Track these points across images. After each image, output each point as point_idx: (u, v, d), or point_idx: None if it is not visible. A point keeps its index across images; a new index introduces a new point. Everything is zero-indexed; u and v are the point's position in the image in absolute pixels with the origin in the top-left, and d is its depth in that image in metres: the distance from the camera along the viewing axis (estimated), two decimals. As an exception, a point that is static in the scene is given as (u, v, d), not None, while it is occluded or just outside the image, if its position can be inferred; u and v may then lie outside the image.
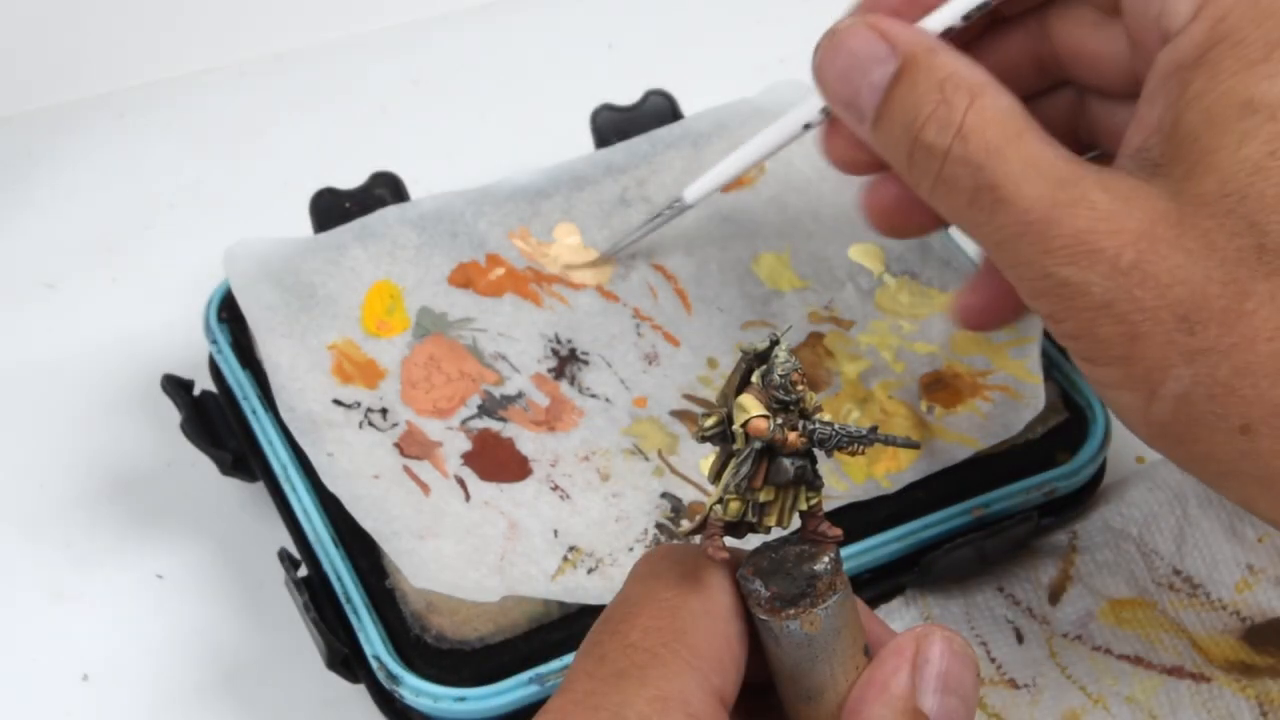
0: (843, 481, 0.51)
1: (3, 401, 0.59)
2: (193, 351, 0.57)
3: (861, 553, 0.49)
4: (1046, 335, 0.54)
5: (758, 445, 0.33)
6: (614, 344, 0.55)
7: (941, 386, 0.53)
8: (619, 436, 0.52)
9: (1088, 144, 0.47)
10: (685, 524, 0.34)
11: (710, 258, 0.58)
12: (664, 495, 0.50)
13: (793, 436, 0.33)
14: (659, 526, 0.49)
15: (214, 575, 0.54)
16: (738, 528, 0.34)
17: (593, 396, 0.53)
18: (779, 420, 0.33)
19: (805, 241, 0.58)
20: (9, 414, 0.59)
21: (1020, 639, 0.50)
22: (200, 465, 0.54)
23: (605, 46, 0.75)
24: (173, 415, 0.53)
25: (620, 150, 0.60)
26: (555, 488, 0.50)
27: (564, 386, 0.53)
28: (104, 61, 0.73)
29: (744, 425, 0.33)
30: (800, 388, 0.33)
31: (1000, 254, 0.39)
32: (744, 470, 0.33)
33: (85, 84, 0.72)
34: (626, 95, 0.62)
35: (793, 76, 0.63)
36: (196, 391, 0.55)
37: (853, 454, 0.33)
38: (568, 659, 0.46)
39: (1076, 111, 0.47)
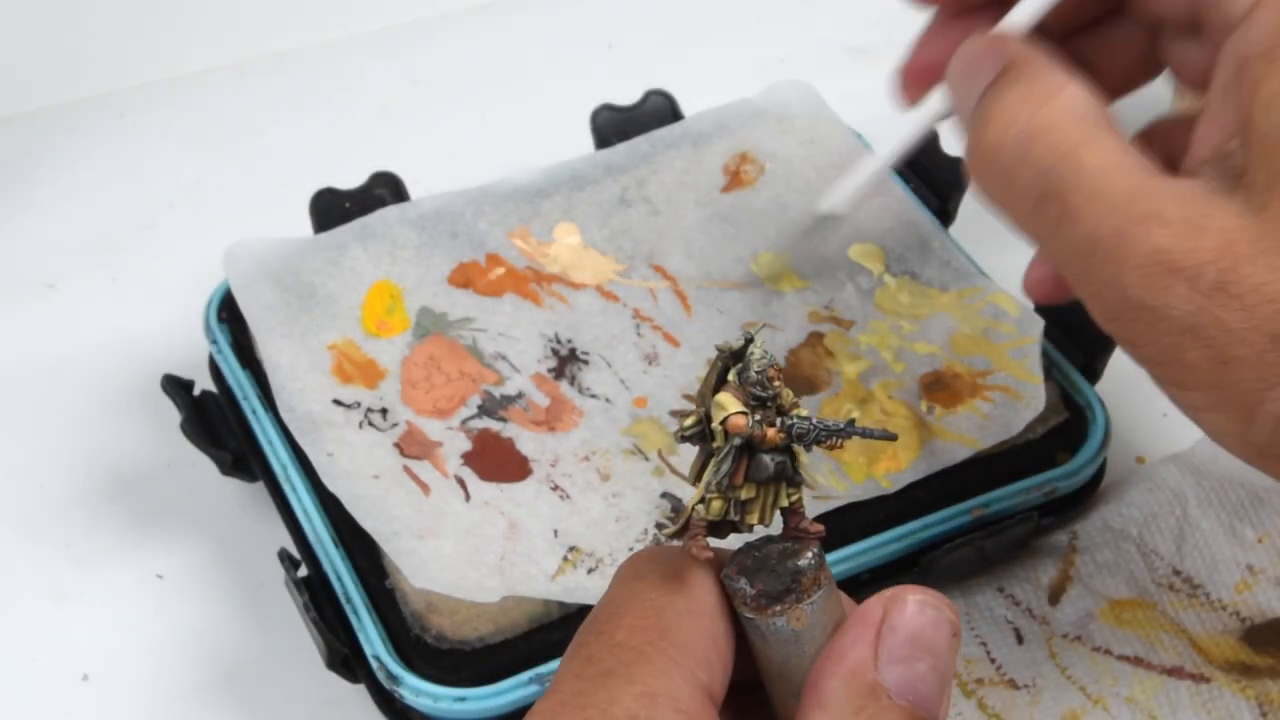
0: (843, 481, 0.51)
1: (3, 401, 0.59)
2: (193, 351, 0.57)
3: (861, 553, 0.49)
4: (1046, 335, 0.54)
5: (737, 442, 0.33)
6: (614, 344, 0.55)
7: (941, 386, 0.53)
8: (619, 436, 0.52)
9: (1154, 71, 0.45)
10: (668, 526, 0.34)
11: (710, 258, 0.58)
12: (664, 495, 0.50)
13: (771, 432, 0.33)
14: (659, 526, 0.49)
15: (214, 575, 0.54)
16: (720, 527, 0.34)
17: (593, 396, 0.53)
18: (757, 417, 0.33)
19: (805, 241, 0.58)
20: (9, 414, 0.59)
21: (1020, 639, 0.50)
22: (200, 465, 0.54)
23: (605, 46, 0.75)
24: (173, 415, 0.53)
25: (620, 150, 0.60)
26: (555, 488, 0.50)
27: (564, 386, 0.53)
28: (104, 61, 0.73)
29: (723, 422, 0.33)
30: (776, 383, 0.33)
31: (1069, 270, 0.37)
32: (724, 468, 0.33)
33: (85, 84, 0.72)
34: (626, 95, 0.62)
35: (793, 76, 0.63)
36: (196, 391, 0.55)
37: (831, 448, 0.33)
38: (568, 659, 0.46)
39: (1145, 42, 0.45)
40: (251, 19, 0.75)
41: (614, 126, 0.62)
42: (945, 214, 0.60)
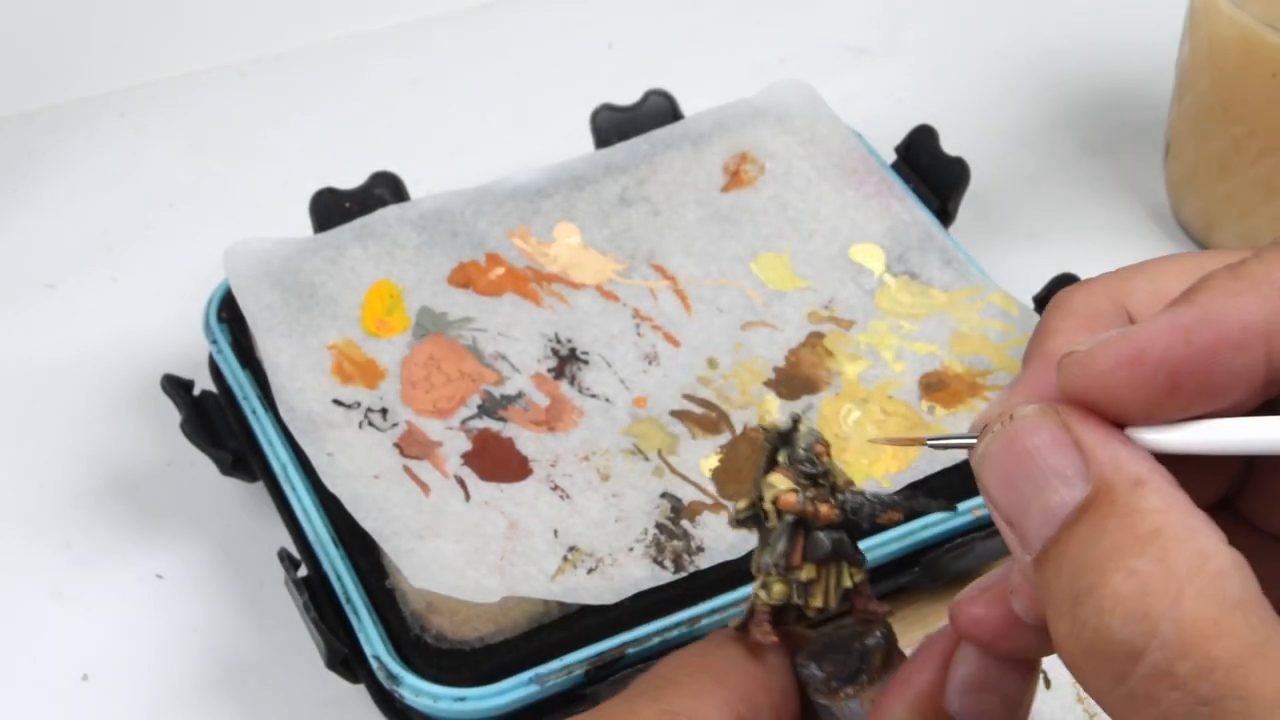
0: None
1: (3, 401, 0.59)
2: (193, 351, 0.57)
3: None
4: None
5: (790, 519, 0.33)
6: (614, 344, 0.55)
7: (941, 386, 0.53)
8: (619, 436, 0.52)
9: None
10: (733, 620, 0.35)
11: (710, 258, 0.58)
12: (664, 495, 0.50)
13: (825, 509, 0.33)
14: (659, 526, 0.49)
15: (214, 575, 0.54)
16: (785, 612, 0.34)
17: (593, 396, 0.53)
18: (809, 494, 0.33)
19: (805, 241, 0.58)
20: (9, 414, 0.59)
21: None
22: (200, 465, 0.54)
23: (605, 46, 0.75)
24: (173, 415, 0.53)
25: (620, 150, 0.60)
26: (555, 488, 0.50)
27: (564, 386, 0.53)
28: (105, 61, 0.73)
29: (774, 501, 0.33)
30: (825, 459, 0.33)
31: None
32: (780, 547, 0.33)
33: (86, 84, 0.72)
34: (626, 95, 0.62)
35: (793, 76, 0.63)
36: (196, 391, 0.55)
37: (888, 523, 0.33)
38: (568, 659, 0.46)
39: None
40: (251, 19, 0.75)
41: (614, 126, 0.62)
42: (945, 214, 0.60)
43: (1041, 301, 0.56)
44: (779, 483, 0.33)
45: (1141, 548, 0.26)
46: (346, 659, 0.47)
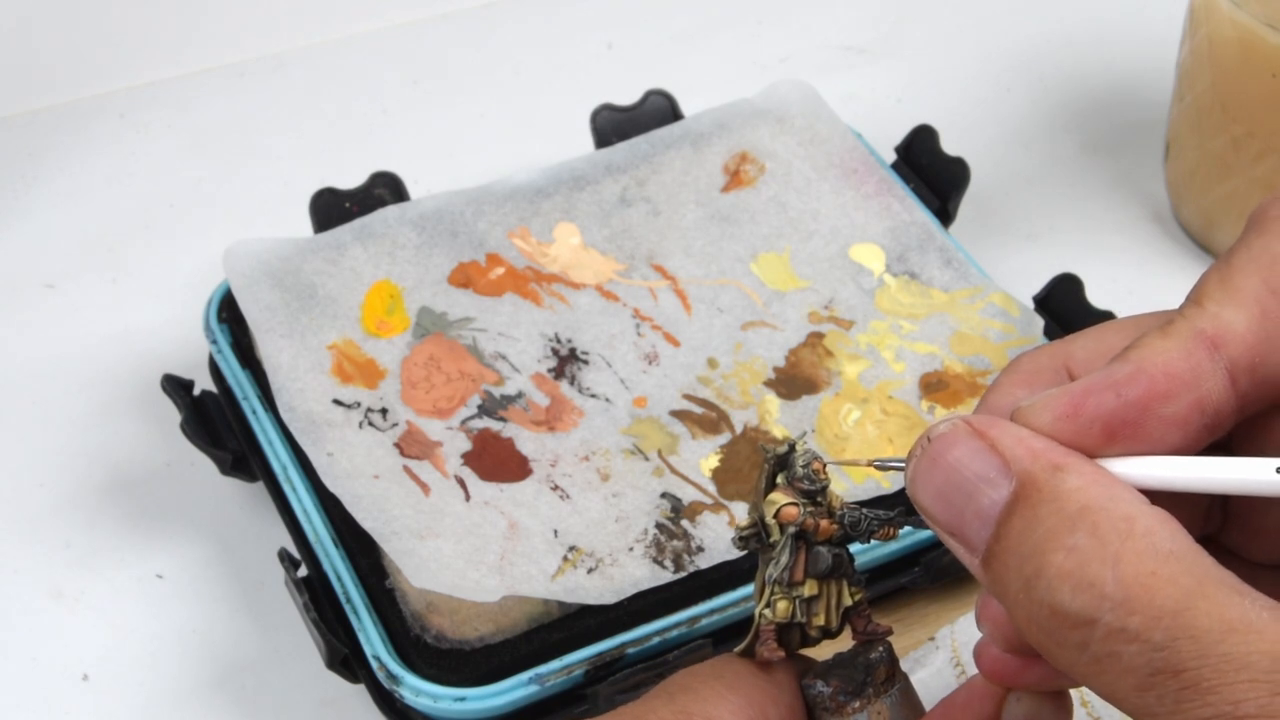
0: (843, 482, 0.51)
1: (3, 401, 0.59)
2: (193, 351, 0.57)
3: (862, 553, 0.49)
4: (1046, 334, 0.54)
5: (792, 530, 0.34)
6: (614, 344, 0.55)
7: (941, 386, 0.53)
8: (619, 436, 0.52)
9: None
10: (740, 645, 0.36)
11: (710, 258, 0.58)
12: (664, 495, 0.50)
13: (825, 523, 0.34)
14: (659, 526, 0.50)
15: (214, 575, 0.54)
16: (789, 630, 0.35)
17: (593, 396, 0.53)
18: (809, 509, 0.34)
19: (805, 241, 0.58)
20: (9, 414, 0.59)
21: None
22: (200, 465, 0.54)
23: (605, 46, 0.75)
24: (173, 415, 0.53)
25: (620, 150, 0.60)
26: (555, 488, 0.50)
27: (564, 386, 0.53)
28: (105, 61, 0.73)
29: (776, 515, 0.34)
30: (823, 476, 0.34)
31: None
32: (784, 560, 0.34)
33: (86, 84, 0.72)
34: (626, 95, 0.62)
35: (793, 76, 0.63)
36: (196, 391, 0.55)
37: (886, 538, 0.35)
38: (568, 659, 0.46)
39: None
40: (251, 19, 0.75)
41: (614, 126, 0.62)
42: (945, 214, 0.60)
43: (1041, 302, 0.56)
44: (780, 499, 0.34)
45: (1073, 525, 0.29)
46: (346, 659, 0.47)
